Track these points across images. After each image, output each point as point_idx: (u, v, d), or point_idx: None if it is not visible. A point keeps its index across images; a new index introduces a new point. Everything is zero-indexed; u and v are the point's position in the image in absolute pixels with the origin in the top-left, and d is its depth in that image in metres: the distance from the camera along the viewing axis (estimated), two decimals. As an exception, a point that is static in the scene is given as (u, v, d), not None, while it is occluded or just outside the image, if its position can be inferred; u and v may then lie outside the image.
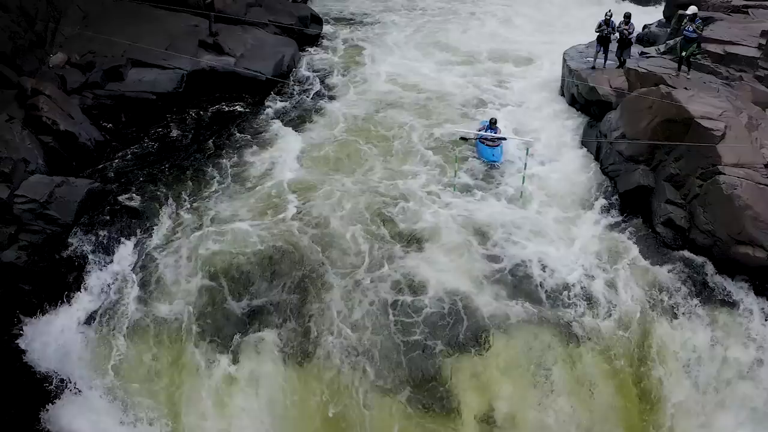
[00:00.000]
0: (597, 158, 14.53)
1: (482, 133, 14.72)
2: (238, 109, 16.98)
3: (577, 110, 16.72)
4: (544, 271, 11.76)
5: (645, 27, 21.74)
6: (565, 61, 17.67)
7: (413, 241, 12.37)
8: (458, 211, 13.10)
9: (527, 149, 13.19)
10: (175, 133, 15.73)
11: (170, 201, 13.21)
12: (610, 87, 15.36)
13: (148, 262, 11.74)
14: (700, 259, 11.93)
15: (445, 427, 10.09)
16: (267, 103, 17.45)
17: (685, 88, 13.34)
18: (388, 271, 11.60)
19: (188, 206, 13.16)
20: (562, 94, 17.80)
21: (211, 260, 11.60)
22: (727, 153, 11.76)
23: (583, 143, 15.32)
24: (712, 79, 14.76)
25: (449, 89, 18.77)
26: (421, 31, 24.92)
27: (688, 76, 14.69)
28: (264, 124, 16.46)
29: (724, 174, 11.51)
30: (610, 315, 11.29)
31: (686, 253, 12.10)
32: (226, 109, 16.95)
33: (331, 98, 18.11)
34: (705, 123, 12.03)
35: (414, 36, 24.26)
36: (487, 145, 14.89)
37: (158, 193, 13.40)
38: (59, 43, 17.54)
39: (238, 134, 15.91)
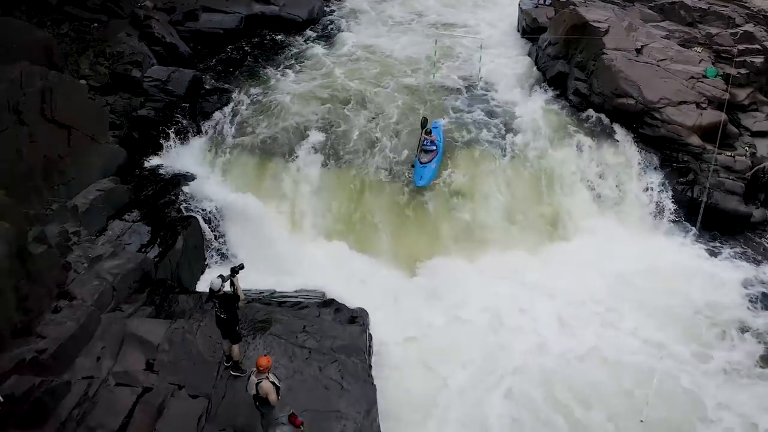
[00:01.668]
0: (535, 62, 20.95)
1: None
2: (282, 40, 23.41)
3: (527, 40, 23.10)
4: (491, 118, 18.22)
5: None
6: (519, 5, 24.13)
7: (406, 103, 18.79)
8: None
9: (480, 45, 19.58)
10: (239, 52, 22.17)
11: (243, 86, 19.77)
12: (546, 17, 21.78)
13: (237, 114, 18.28)
14: (596, 114, 18.28)
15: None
16: (302, 38, 23.85)
17: (585, 6, 19.92)
18: (391, 125, 18.07)
19: (254, 89, 19.62)
20: (519, 31, 24.21)
21: (275, 113, 18.20)
22: (610, 41, 18.21)
23: (529, 56, 21.74)
24: (613, 6, 21.25)
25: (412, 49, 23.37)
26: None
27: (591, 2, 21.29)
28: (300, 50, 22.87)
29: (606, 54, 17.91)
30: (534, 145, 17.55)
31: (588, 112, 18.44)
32: (274, 39, 23.37)
33: (349, 37, 24.25)
34: (594, 24, 18.55)
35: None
36: (421, 162, 16.13)
37: (236, 82, 19.97)
38: (145, -5, 24.03)
39: (283, 54, 22.38)
